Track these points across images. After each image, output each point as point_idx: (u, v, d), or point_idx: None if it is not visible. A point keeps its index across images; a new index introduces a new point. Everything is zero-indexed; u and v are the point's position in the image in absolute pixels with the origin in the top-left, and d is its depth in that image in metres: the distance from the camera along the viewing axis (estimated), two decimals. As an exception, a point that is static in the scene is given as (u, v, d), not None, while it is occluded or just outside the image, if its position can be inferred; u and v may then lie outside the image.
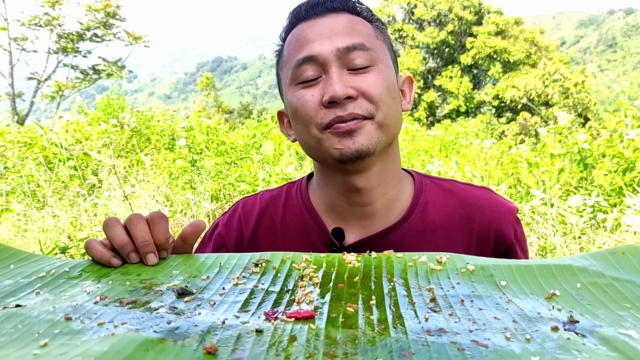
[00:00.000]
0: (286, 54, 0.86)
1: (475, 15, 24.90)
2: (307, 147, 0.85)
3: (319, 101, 0.79)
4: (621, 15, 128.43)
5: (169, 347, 0.40)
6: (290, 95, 0.83)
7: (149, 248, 0.66)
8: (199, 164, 5.43)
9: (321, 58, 0.79)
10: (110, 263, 0.65)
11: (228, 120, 15.55)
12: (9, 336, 0.42)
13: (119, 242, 0.66)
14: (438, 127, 16.07)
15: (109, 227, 0.68)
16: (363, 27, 0.83)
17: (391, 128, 0.83)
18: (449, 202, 0.91)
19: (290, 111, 0.85)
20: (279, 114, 0.95)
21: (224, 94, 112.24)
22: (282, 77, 0.88)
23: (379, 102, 0.79)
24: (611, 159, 4.66)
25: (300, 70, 0.81)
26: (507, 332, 0.44)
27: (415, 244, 0.88)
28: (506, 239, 0.89)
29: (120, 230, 0.68)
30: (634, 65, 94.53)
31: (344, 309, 0.50)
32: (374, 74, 0.80)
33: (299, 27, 0.84)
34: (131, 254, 0.66)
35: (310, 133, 0.81)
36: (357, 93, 0.78)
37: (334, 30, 0.80)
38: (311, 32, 0.81)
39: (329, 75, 0.79)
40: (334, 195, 0.89)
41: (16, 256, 0.66)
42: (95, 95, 66.56)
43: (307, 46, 0.80)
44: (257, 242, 0.94)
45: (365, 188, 0.86)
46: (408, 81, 0.93)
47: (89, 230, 3.92)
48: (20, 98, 14.64)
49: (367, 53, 0.80)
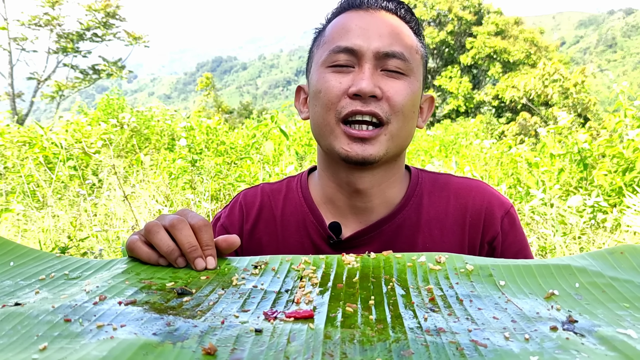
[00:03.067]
0: (327, 34, 0.86)
1: (475, 15, 24.91)
2: (318, 132, 0.86)
3: (344, 90, 0.80)
4: (621, 15, 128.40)
5: (168, 350, 0.40)
6: (318, 76, 0.84)
7: (197, 253, 0.65)
8: (199, 164, 5.43)
9: (360, 52, 0.80)
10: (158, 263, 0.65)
11: (228, 120, 15.55)
12: (8, 338, 0.42)
13: (165, 249, 0.65)
14: (438, 127, 16.06)
15: (152, 234, 0.66)
16: (408, 38, 0.84)
17: (402, 140, 0.84)
18: (443, 194, 0.92)
19: (313, 91, 0.86)
20: (298, 88, 0.96)
21: (224, 94, 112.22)
22: (316, 55, 0.88)
23: (399, 111, 0.80)
24: (611, 159, 4.66)
25: (336, 56, 0.82)
26: (506, 331, 0.44)
27: (410, 235, 0.88)
28: (493, 226, 0.89)
29: (165, 236, 0.66)
30: (634, 65, 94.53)
31: (343, 309, 0.50)
32: (404, 83, 0.81)
33: (348, 14, 0.85)
34: (178, 259, 0.65)
35: (326, 119, 0.82)
36: (382, 95, 0.79)
37: (380, 30, 0.81)
38: (359, 24, 0.82)
39: (362, 69, 0.80)
40: (334, 187, 0.90)
41: (16, 251, 0.66)
42: (95, 95, 66.57)
43: (351, 37, 0.81)
44: (257, 235, 0.95)
45: (366, 188, 0.87)
46: (429, 100, 0.94)
47: (89, 230, 3.92)
48: (20, 98, 14.64)
49: (404, 63, 0.81)
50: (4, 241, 0.67)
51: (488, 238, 0.89)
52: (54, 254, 0.67)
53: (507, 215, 0.91)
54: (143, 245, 0.67)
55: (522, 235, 0.93)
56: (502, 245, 0.89)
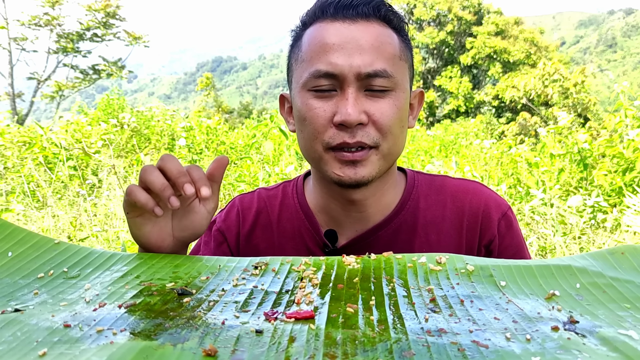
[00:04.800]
0: (304, 49, 0.81)
1: (475, 15, 24.91)
2: (307, 156, 0.85)
3: (329, 118, 0.78)
4: (621, 15, 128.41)
5: (169, 352, 0.40)
6: (301, 101, 0.81)
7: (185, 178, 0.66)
8: (199, 164, 5.43)
9: (341, 76, 0.76)
10: (154, 212, 0.66)
11: (228, 120, 15.55)
12: (8, 344, 0.42)
13: (159, 187, 0.65)
14: (438, 127, 16.07)
15: (146, 173, 0.67)
16: (390, 46, 0.79)
17: (394, 156, 0.83)
18: (440, 197, 0.91)
19: (297, 115, 0.84)
20: (281, 97, 0.93)
21: (224, 94, 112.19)
22: (295, 72, 0.84)
23: (388, 133, 0.78)
24: (611, 159, 4.66)
25: (317, 81, 0.78)
26: (507, 332, 0.44)
27: (406, 239, 0.88)
28: (490, 229, 0.88)
29: (158, 174, 0.67)
30: (634, 65, 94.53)
31: (344, 310, 0.50)
32: (389, 101, 0.78)
33: (324, 26, 0.80)
34: (172, 197, 0.65)
35: (314, 147, 0.80)
36: (368, 120, 0.77)
37: (360, 46, 0.77)
38: (336, 40, 0.77)
39: (345, 95, 0.76)
40: (328, 197, 0.89)
41: (15, 236, 0.66)
42: (95, 95, 66.56)
43: (330, 56, 0.77)
44: (254, 240, 0.94)
45: (360, 200, 0.86)
46: (419, 95, 0.91)
47: (89, 230, 3.92)
48: (20, 98, 14.64)
49: (388, 80, 0.78)
50: (3, 222, 0.67)
51: (485, 241, 0.89)
52: (52, 240, 0.67)
53: (504, 218, 0.89)
54: (140, 188, 0.67)
55: (519, 238, 0.92)
56: (499, 248, 0.89)
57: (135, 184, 0.68)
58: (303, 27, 0.85)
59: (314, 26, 0.82)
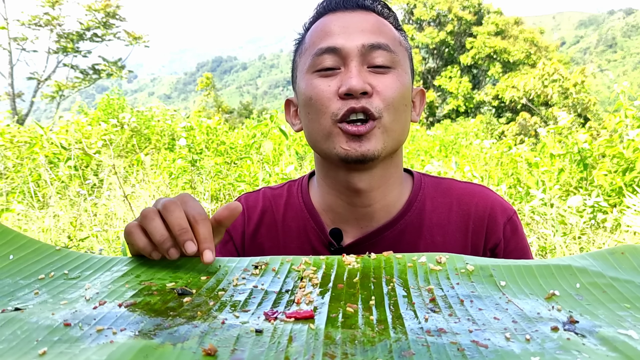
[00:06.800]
0: (308, 41, 0.85)
1: (475, 15, 24.91)
2: (314, 139, 0.85)
3: (335, 92, 0.79)
4: (621, 15, 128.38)
5: (169, 351, 0.40)
6: (306, 83, 0.83)
7: (187, 235, 0.61)
8: (199, 164, 5.44)
9: (344, 51, 0.79)
10: (151, 256, 0.64)
11: (228, 120, 15.56)
12: (8, 343, 0.42)
13: (158, 238, 0.62)
14: (438, 127, 16.08)
15: (147, 220, 0.64)
16: (390, 31, 0.84)
17: (397, 134, 0.83)
18: (446, 200, 0.91)
19: (302, 99, 0.85)
20: (286, 102, 0.95)
21: (224, 94, 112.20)
22: (300, 63, 0.87)
23: (390, 104, 0.80)
24: (611, 159, 4.66)
25: (320, 59, 0.81)
26: (507, 332, 0.44)
27: (411, 241, 0.87)
28: (496, 233, 0.88)
29: (159, 224, 0.63)
30: (634, 65, 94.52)
31: (344, 309, 0.50)
32: (392, 77, 0.81)
33: (326, 18, 0.85)
34: (171, 249, 0.62)
35: (322, 123, 0.81)
36: (372, 90, 0.79)
37: (360, 27, 0.81)
38: (338, 25, 0.82)
39: (349, 68, 0.79)
40: (333, 194, 0.89)
41: (16, 242, 0.66)
42: (95, 95, 66.54)
43: (332, 37, 0.81)
44: (259, 239, 0.94)
45: (365, 189, 0.86)
46: (420, 94, 0.93)
47: (89, 230, 3.92)
48: (20, 98, 14.64)
49: (390, 55, 0.80)
50: (4, 229, 0.67)
51: (490, 245, 0.89)
52: (53, 247, 0.67)
53: (509, 222, 0.90)
54: (140, 232, 0.64)
55: (524, 242, 0.92)
56: (504, 252, 0.89)
57: (135, 223, 0.65)
58: (306, 31, 0.89)
59: (317, 22, 0.86)
